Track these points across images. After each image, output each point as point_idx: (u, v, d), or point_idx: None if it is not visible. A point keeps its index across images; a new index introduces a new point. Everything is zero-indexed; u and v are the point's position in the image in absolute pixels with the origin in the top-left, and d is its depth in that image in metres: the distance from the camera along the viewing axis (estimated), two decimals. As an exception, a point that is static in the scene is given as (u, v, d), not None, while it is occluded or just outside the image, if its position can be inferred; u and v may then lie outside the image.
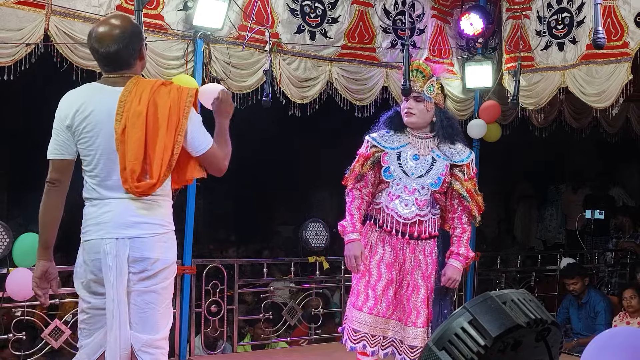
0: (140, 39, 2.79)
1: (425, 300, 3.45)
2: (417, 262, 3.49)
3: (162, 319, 2.76)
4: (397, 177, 3.50)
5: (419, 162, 3.51)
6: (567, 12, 5.38)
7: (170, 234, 2.79)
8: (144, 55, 2.84)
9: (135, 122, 2.64)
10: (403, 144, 3.56)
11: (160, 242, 2.72)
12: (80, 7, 4.32)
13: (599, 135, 6.91)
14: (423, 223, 3.48)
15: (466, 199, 3.49)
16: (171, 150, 2.68)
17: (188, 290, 4.96)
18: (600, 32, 3.38)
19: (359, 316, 3.49)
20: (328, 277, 6.04)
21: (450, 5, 5.97)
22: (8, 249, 4.22)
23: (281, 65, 5.15)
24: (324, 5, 5.31)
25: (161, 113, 2.68)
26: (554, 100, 5.76)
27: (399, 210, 3.47)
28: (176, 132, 2.69)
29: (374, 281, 3.50)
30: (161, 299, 2.74)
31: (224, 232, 9.93)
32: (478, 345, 1.45)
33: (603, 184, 9.24)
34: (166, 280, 2.75)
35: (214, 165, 2.86)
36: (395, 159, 3.53)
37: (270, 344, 5.67)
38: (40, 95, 3.82)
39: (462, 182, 3.49)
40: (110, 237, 2.67)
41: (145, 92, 2.68)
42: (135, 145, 2.64)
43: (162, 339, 2.77)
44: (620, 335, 1.52)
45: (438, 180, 3.47)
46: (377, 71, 5.61)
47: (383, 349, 3.52)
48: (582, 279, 5.88)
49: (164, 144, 2.66)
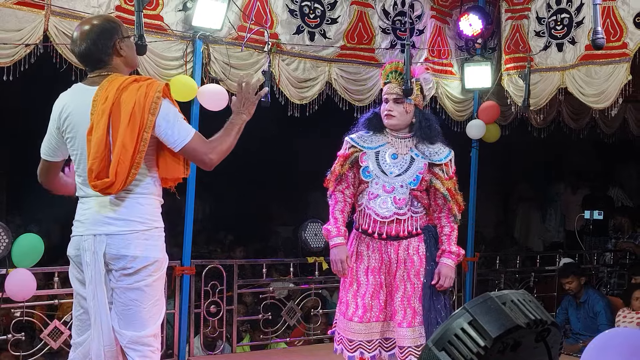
0: (112, 34, 2.74)
1: (410, 298, 3.43)
2: (402, 261, 3.47)
3: (149, 316, 2.74)
4: (375, 176, 3.50)
5: (398, 161, 3.51)
6: (566, 12, 5.38)
7: (154, 231, 2.76)
8: (122, 51, 2.77)
9: (99, 121, 2.65)
10: (382, 143, 3.57)
11: (140, 239, 2.70)
12: (80, 7, 4.32)
13: (597, 135, 6.91)
14: (402, 222, 3.47)
15: (447, 198, 3.49)
16: (133, 148, 2.63)
17: (187, 290, 4.96)
18: (600, 32, 3.39)
19: (351, 326, 3.48)
20: (327, 277, 6.04)
21: (449, 5, 5.98)
22: (7, 249, 4.22)
23: (280, 65, 5.15)
24: (323, 6, 5.31)
25: (124, 110, 2.65)
26: (553, 101, 5.76)
27: (377, 209, 3.47)
28: (140, 129, 2.64)
29: (363, 290, 3.49)
30: (146, 296, 2.73)
31: (223, 232, 9.92)
32: (478, 346, 1.45)
33: (602, 184, 9.25)
34: (150, 278, 2.72)
35: (196, 160, 2.80)
36: (374, 158, 3.53)
37: (270, 344, 5.68)
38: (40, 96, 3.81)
39: (443, 181, 3.49)
40: (89, 234, 2.72)
41: (113, 90, 2.67)
42: (95, 144, 2.65)
43: (149, 336, 2.75)
44: (621, 336, 1.52)
45: (416, 178, 3.47)
46: (377, 72, 5.60)
47: (387, 351, 3.52)
48: (577, 278, 5.88)
49: (121, 142, 2.63)
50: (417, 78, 3.62)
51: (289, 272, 5.71)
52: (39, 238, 4.38)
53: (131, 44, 2.88)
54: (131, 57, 2.86)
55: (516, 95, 5.82)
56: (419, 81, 3.63)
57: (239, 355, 5.41)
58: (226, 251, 8.52)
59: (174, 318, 4.95)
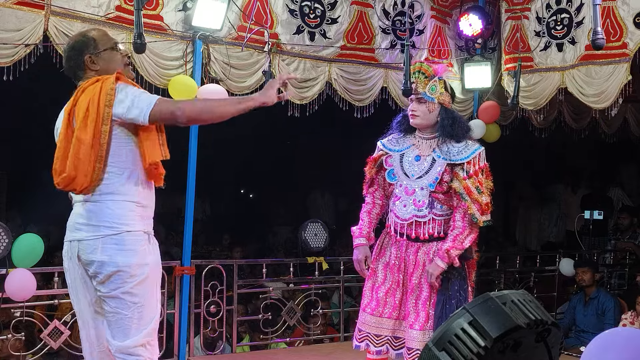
0: (82, 50, 2.81)
1: (425, 303, 3.43)
2: (420, 264, 3.47)
3: (131, 324, 2.69)
4: (399, 178, 3.56)
5: (420, 163, 3.53)
6: (566, 12, 5.38)
7: (125, 235, 2.69)
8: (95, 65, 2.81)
9: (62, 125, 2.73)
10: (407, 145, 3.60)
11: (108, 244, 2.67)
12: (80, 7, 4.32)
13: (598, 135, 6.91)
14: (422, 225, 3.46)
15: (463, 197, 3.41)
16: (90, 140, 2.64)
17: (187, 290, 4.96)
18: (600, 32, 3.39)
19: (362, 316, 3.57)
20: (327, 277, 6.04)
21: (449, 5, 5.97)
22: (7, 249, 4.22)
23: (280, 65, 5.15)
24: (324, 6, 5.31)
25: (79, 109, 2.69)
26: (553, 101, 5.76)
27: (398, 211, 3.52)
28: (97, 122, 2.64)
29: (378, 284, 3.56)
30: (125, 304, 2.68)
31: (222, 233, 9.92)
32: (478, 346, 1.45)
33: (602, 184, 9.24)
34: (126, 285, 2.67)
35: (168, 119, 2.71)
36: (398, 161, 3.58)
37: (270, 344, 5.67)
38: (40, 96, 3.82)
39: (461, 180, 3.42)
40: (67, 240, 2.79)
41: (76, 94, 2.75)
42: (58, 145, 2.72)
43: (135, 346, 2.70)
44: (621, 335, 1.52)
45: (435, 180, 3.46)
46: (377, 72, 5.61)
47: (395, 349, 3.53)
48: (591, 270, 5.91)
49: (76, 137, 2.66)
50: (441, 76, 3.60)
51: (289, 272, 5.70)
52: (39, 238, 4.38)
53: (110, 56, 2.86)
54: (108, 69, 2.82)
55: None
56: (442, 79, 3.60)
57: (239, 355, 5.41)
58: (225, 251, 8.51)
59: (174, 318, 4.95)
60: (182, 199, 5.03)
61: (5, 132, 8.15)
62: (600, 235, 7.51)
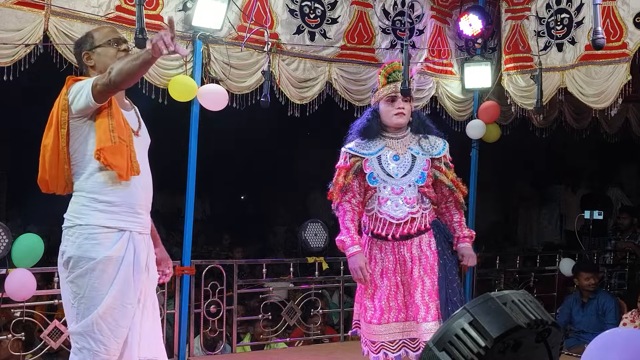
0: (80, 47, 2.99)
1: (431, 293, 3.46)
2: (417, 258, 3.50)
3: (74, 312, 2.83)
4: (382, 180, 3.54)
5: (400, 162, 3.57)
6: (566, 12, 5.38)
7: (76, 228, 2.83)
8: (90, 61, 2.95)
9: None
10: (380, 147, 3.61)
11: (66, 235, 2.87)
12: (80, 7, 4.32)
13: (599, 135, 6.90)
14: (415, 220, 3.52)
15: (452, 189, 3.59)
16: (52, 145, 2.82)
17: (187, 290, 4.96)
18: (600, 32, 3.38)
19: (372, 328, 3.54)
20: (327, 277, 6.04)
21: (449, 5, 5.97)
22: (7, 249, 4.22)
23: (280, 65, 5.15)
24: (324, 6, 5.31)
25: (50, 116, 2.86)
26: (553, 101, 5.75)
27: (391, 212, 3.51)
28: (57, 128, 2.81)
29: (379, 293, 3.54)
30: (71, 292, 2.83)
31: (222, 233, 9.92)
32: (478, 346, 1.45)
33: (602, 184, 9.24)
34: (71, 274, 2.81)
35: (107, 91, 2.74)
36: (377, 164, 3.57)
37: (270, 344, 5.67)
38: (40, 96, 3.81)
39: (447, 173, 3.60)
40: None
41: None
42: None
43: (76, 334, 2.82)
44: (622, 336, 1.52)
45: (422, 175, 3.54)
46: (377, 72, 5.60)
47: (414, 351, 3.52)
48: (596, 275, 5.91)
49: (42, 145, 2.88)
50: (412, 76, 3.67)
51: (289, 272, 5.70)
52: (39, 238, 4.38)
53: (103, 51, 2.94)
54: (102, 65, 2.90)
55: (516, 95, 5.82)
56: (413, 79, 3.70)
57: (239, 355, 5.41)
58: (225, 251, 8.52)
59: (174, 318, 4.95)
60: (182, 199, 5.03)
61: (5, 132, 8.16)
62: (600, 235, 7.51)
